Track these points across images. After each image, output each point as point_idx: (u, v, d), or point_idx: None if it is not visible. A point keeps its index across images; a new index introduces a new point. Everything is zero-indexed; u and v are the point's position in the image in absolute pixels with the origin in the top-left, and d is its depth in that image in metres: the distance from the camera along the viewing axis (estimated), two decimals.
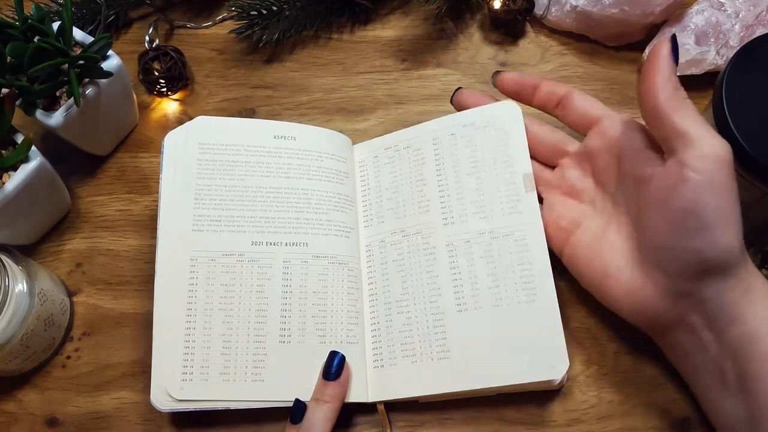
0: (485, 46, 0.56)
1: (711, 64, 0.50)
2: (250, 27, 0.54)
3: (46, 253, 0.49)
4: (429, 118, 0.53)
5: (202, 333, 0.42)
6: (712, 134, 0.36)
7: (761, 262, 0.43)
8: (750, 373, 0.35)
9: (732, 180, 0.35)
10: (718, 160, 0.35)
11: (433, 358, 0.42)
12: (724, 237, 0.35)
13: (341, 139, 0.49)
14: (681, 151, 0.36)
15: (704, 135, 0.36)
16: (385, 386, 0.42)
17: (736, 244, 0.36)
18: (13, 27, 0.42)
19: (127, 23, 0.58)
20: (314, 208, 0.46)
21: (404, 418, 0.43)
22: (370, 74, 0.55)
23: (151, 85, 0.53)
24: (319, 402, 0.40)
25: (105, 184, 0.52)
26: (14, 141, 0.44)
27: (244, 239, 0.44)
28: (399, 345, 0.43)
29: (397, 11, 0.58)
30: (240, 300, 0.43)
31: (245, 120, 0.49)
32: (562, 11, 0.54)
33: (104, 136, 0.51)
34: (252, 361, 0.41)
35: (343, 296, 0.44)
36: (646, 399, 0.43)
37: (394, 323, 0.44)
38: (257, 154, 0.46)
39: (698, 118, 0.36)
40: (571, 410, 0.43)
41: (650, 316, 0.38)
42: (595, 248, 0.41)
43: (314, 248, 0.45)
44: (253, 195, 0.45)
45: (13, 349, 0.41)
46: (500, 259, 0.43)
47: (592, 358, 0.45)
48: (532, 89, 0.45)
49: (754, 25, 0.50)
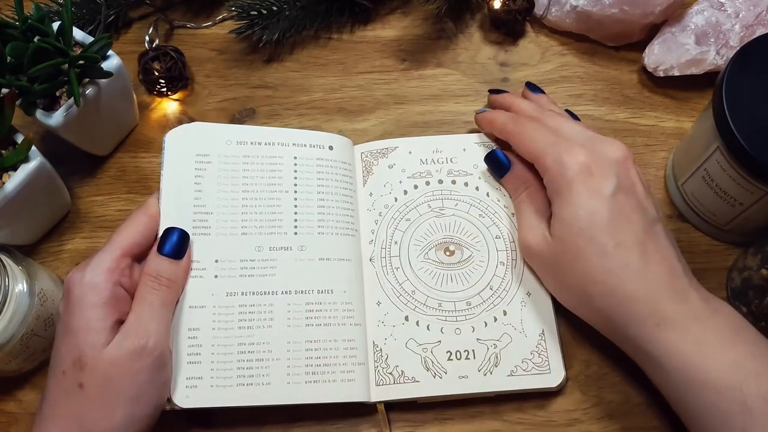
0: (485, 46, 0.56)
1: (711, 64, 0.50)
2: (250, 27, 0.54)
3: (46, 253, 0.49)
4: (429, 118, 0.53)
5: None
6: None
7: (761, 262, 0.43)
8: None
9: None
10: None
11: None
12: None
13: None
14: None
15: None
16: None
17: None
18: (13, 27, 0.42)
19: (127, 23, 0.58)
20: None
21: (404, 418, 0.43)
22: (370, 74, 0.55)
23: (151, 85, 0.53)
24: (155, 285, 0.40)
25: (105, 184, 0.52)
26: (14, 141, 0.44)
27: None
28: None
29: (397, 11, 0.58)
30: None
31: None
32: (562, 11, 0.54)
33: (104, 136, 0.51)
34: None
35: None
36: (646, 399, 0.43)
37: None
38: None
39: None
40: (571, 410, 0.43)
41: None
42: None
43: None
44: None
45: (13, 349, 0.41)
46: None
47: (592, 358, 0.45)
48: (488, 130, 0.48)
49: (754, 25, 0.50)
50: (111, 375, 0.37)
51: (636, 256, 0.37)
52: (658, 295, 0.37)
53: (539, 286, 0.44)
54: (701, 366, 0.35)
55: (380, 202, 0.47)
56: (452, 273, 0.45)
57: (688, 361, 0.35)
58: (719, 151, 0.41)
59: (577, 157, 0.39)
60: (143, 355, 0.37)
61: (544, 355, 0.42)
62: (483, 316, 0.43)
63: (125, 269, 0.40)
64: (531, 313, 0.43)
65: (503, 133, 0.45)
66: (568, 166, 0.39)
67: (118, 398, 0.37)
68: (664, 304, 0.37)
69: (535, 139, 0.42)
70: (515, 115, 0.45)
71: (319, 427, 0.43)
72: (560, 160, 0.39)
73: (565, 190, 0.39)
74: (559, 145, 0.40)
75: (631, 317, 0.37)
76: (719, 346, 0.36)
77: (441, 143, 0.49)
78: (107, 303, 0.38)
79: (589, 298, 0.38)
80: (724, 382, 0.34)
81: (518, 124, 0.44)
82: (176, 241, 0.41)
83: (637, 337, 0.37)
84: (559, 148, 0.40)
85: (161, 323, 0.39)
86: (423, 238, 0.46)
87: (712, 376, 0.35)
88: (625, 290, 0.37)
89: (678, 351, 0.36)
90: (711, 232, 0.48)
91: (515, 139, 0.43)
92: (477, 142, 0.49)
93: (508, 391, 0.42)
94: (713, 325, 0.36)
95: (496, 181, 0.47)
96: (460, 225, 0.46)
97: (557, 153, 0.40)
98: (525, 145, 0.42)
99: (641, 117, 0.53)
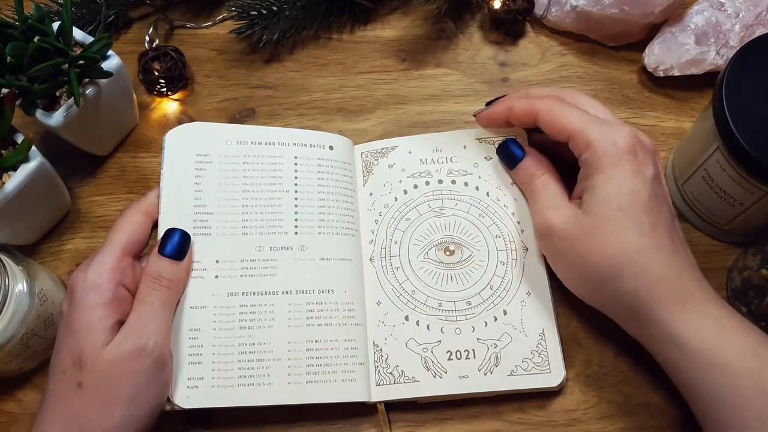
0: (485, 46, 0.56)
1: (711, 64, 0.50)
2: (250, 27, 0.54)
3: (46, 253, 0.49)
4: (429, 118, 0.53)
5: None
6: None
7: (761, 262, 0.43)
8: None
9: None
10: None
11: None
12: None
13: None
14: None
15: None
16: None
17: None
18: (13, 27, 0.42)
19: (127, 23, 0.58)
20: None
21: (404, 418, 0.43)
22: (370, 74, 0.55)
23: (151, 85, 0.53)
24: (156, 286, 0.40)
25: (105, 184, 0.52)
26: (14, 141, 0.44)
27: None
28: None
29: (397, 11, 0.58)
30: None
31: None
32: (562, 11, 0.54)
33: (104, 136, 0.51)
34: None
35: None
36: (646, 399, 0.43)
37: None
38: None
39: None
40: (571, 410, 0.43)
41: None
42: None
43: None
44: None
45: (13, 349, 0.41)
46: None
47: (592, 358, 0.45)
48: (504, 118, 0.45)
49: (754, 25, 0.50)
50: (110, 375, 0.37)
51: (668, 240, 0.38)
52: (684, 278, 0.38)
53: (539, 285, 0.44)
54: (723, 348, 0.36)
55: (380, 201, 0.47)
56: (452, 273, 0.45)
57: (709, 343, 0.36)
58: (719, 151, 0.41)
59: (626, 137, 0.39)
60: (143, 356, 0.37)
61: (545, 355, 0.42)
62: (483, 315, 0.43)
63: (127, 269, 0.40)
64: (531, 313, 0.43)
65: (528, 113, 0.43)
66: (617, 144, 0.39)
67: (117, 398, 0.37)
68: (689, 286, 0.38)
69: (571, 116, 0.41)
70: (538, 97, 0.43)
71: (319, 427, 0.43)
72: (609, 137, 0.39)
73: (610, 167, 0.39)
74: (602, 123, 0.40)
75: (660, 297, 0.37)
76: (739, 331, 0.36)
77: (441, 140, 0.49)
78: (109, 303, 0.38)
79: (618, 276, 0.38)
80: (744, 364, 0.35)
81: (546, 102, 0.42)
82: (177, 242, 0.41)
83: (662, 318, 0.37)
84: (602, 125, 0.40)
85: (162, 324, 0.39)
86: (423, 237, 0.46)
87: (733, 359, 0.35)
88: (657, 269, 0.37)
89: (701, 332, 0.36)
90: (711, 232, 0.48)
91: (546, 116, 0.42)
92: (478, 138, 0.48)
93: (508, 391, 0.42)
94: (727, 312, 0.37)
95: (496, 181, 0.47)
96: (460, 225, 0.46)
97: (603, 130, 0.40)
98: (560, 121, 0.41)
99: (641, 117, 0.53)
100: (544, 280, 0.44)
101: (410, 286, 0.45)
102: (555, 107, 0.41)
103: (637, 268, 0.37)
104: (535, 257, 0.45)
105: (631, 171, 0.39)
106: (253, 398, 0.41)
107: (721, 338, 0.36)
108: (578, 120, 0.40)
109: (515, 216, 0.46)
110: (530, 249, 0.45)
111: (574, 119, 0.40)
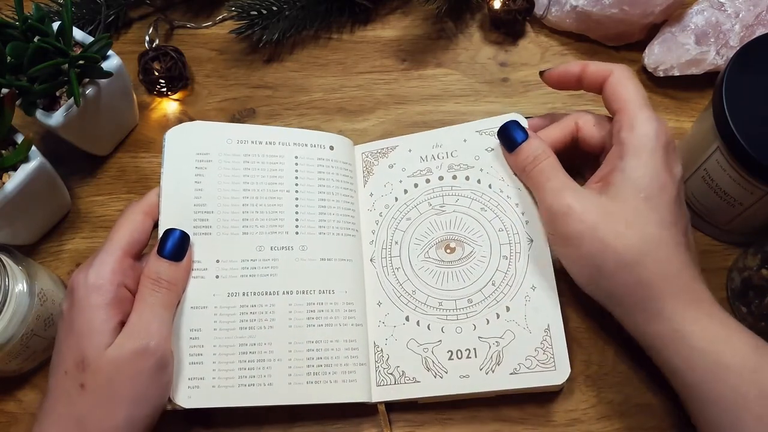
0: (485, 46, 0.56)
1: (711, 64, 0.50)
2: (250, 27, 0.54)
3: (46, 253, 0.49)
4: (429, 118, 0.53)
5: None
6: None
7: (761, 262, 0.43)
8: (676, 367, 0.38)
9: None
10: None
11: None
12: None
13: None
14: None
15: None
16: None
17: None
18: (13, 27, 0.42)
19: (127, 23, 0.58)
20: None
21: (404, 418, 0.44)
22: (370, 74, 0.55)
23: (151, 85, 0.53)
24: (155, 287, 0.40)
25: (105, 184, 0.52)
26: (14, 141, 0.44)
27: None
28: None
29: (397, 11, 0.58)
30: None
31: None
32: (562, 11, 0.54)
33: (104, 136, 0.51)
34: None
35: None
36: (646, 399, 0.43)
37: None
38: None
39: None
40: (571, 410, 0.43)
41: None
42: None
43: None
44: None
45: (13, 349, 0.41)
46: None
47: (592, 358, 0.45)
48: (577, 75, 0.43)
49: (754, 25, 0.50)
50: (113, 376, 0.37)
51: (684, 238, 0.39)
52: (697, 278, 0.38)
53: (545, 278, 0.42)
54: (728, 349, 0.36)
55: (381, 202, 0.47)
56: (453, 271, 0.44)
57: (715, 344, 0.36)
58: (719, 151, 0.41)
59: (666, 132, 0.40)
60: (145, 357, 0.37)
61: (549, 352, 0.41)
62: (485, 313, 0.43)
63: (128, 269, 0.40)
64: (536, 308, 0.42)
65: (602, 73, 0.42)
66: (658, 135, 0.39)
67: (120, 399, 0.37)
68: (701, 286, 0.38)
69: (636, 91, 0.41)
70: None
71: (319, 427, 0.43)
72: (654, 126, 0.39)
73: (647, 154, 0.39)
74: (652, 111, 0.40)
75: (673, 292, 0.37)
76: (741, 333, 0.37)
77: (441, 135, 0.48)
78: (111, 304, 0.38)
79: (636, 265, 0.37)
80: (747, 364, 0.35)
81: (621, 68, 0.42)
82: (176, 243, 0.41)
83: (673, 314, 0.37)
84: (652, 113, 0.40)
85: (163, 324, 0.39)
86: (423, 236, 0.46)
87: (736, 358, 0.36)
88: (675, 264, 0.38)
89: (708, 331, 0.37)
90: (711, 232, 0.48)
91: (616, 80, 0.41)
92: (478, 130, 0.47)
93: (510, 390, 0.41)
94: (727, 315, 0.38)
95: (498, 172, 0.45)
96: (461, 221, 0.46)
97: (652, 118, 0.39)
98: (625, 91, 0.41)
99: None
100: (551, 272, 0.43)
101: (411, 286, 0.44)
102: (630, 77, 0.41)
103: (657, 259, 0.37)
104: (541, 249, 0.43)
105: (664, 165, 0.39)
106: (254, 398, 0.41)
107: (727, 339, 0.36)
108: (638, 98, 0.40)
109: (519, 207, 0.44)
110: (535, 241, 0.43)
111: (636, 95, 0.40)
